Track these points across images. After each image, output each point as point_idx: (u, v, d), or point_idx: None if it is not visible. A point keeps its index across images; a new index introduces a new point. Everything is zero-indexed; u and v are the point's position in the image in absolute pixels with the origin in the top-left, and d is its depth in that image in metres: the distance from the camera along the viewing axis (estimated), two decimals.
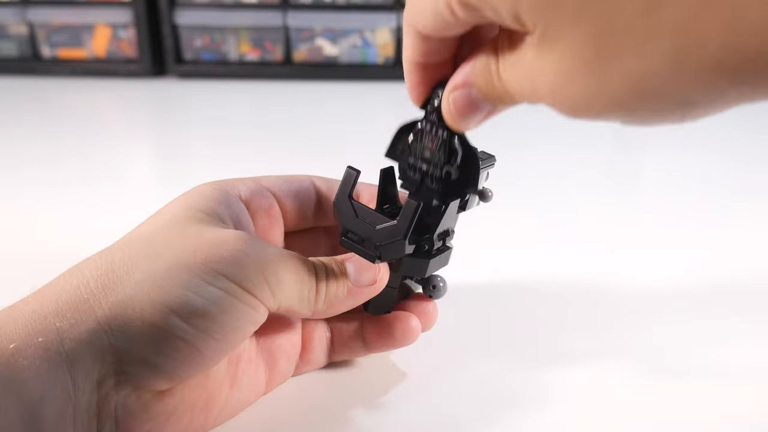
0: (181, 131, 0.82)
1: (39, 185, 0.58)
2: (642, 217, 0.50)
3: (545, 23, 0.16)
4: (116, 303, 0.20)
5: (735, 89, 0.15)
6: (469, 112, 0.23)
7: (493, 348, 0.32)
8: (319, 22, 1.08)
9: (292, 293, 0.23)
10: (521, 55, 0.18)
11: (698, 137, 0.76)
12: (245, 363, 0.25)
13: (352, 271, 0.25)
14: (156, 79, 1.11)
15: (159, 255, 0.22)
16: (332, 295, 0.25)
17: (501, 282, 0.39)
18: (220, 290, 0.21)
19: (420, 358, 0.31)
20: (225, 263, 0.22)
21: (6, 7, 1.10)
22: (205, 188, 0.27)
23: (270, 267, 0.23)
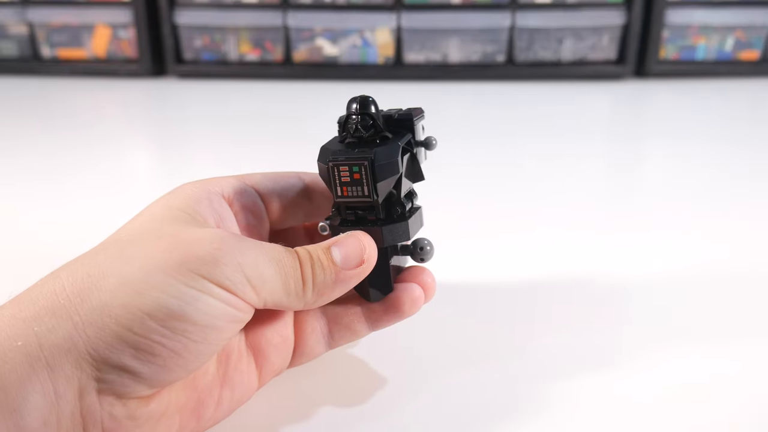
0: (181, 131, 0.82)
1: (39, 185, 0.58)
2: (641, 210, 0.50)
3: None
4: (92, 309, 0.20)
5: None
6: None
7: (480, 350, 0.32)
8: (319, 22, 1.08)
9: (276, 287, 0.23)
10: None
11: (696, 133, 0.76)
12: (235, 361, 0.25)
13: (338, 255, 0.24)
14: (156, 79, 1.11)
15: (134, 257, 0.21)
16: (320, 283, 0.24)
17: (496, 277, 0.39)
18: (197, 291, 0.21)
19: (402, 362, 0.31)
20: (201, 262, 0.21)
21: (6, 7, 1.10)
22: (186, 188, 0.26)
23: (250, 263, 0.22)
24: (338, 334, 0.28)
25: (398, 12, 1.06)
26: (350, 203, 0.26)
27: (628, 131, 0.82)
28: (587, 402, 0.28)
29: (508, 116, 0.87)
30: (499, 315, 0.35)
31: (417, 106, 0.28)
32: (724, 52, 1.10)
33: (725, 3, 1.07)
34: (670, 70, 1.10)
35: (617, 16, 1.07)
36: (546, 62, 1.10)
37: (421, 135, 0.28)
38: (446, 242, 0.45)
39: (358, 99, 0.26)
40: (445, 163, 0.65)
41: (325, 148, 0.26)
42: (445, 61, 1.10)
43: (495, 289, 0.38)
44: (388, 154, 0.25)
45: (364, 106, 0.26)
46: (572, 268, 0.41)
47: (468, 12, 1.07)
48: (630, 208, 0.53)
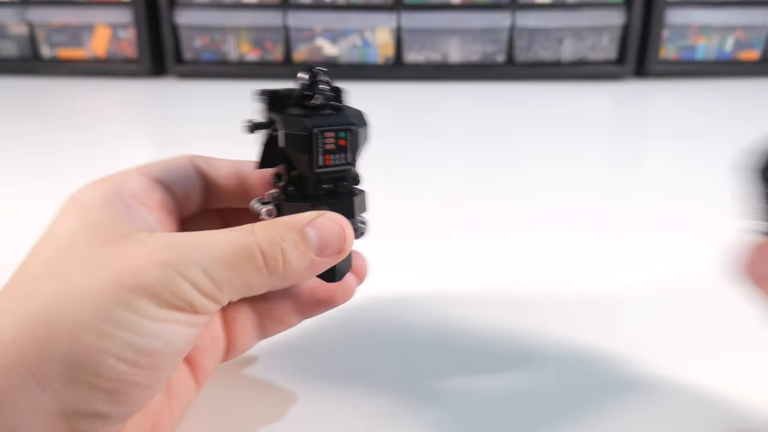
0: (181, 131, 0.82)
1: (39, 185, 0.58)
2: (641, 210, 0.50)
3: None
4: (52, 359, 0.18)
5: None
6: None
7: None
8: (319, 22, 1.08)
9: (237, 287, 0.21)
10: None
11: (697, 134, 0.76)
12: (174, 374, 0.24)
13: (315, 239, 0.22)
14: (156, 79, 1.11)
15: (82, 296, 0.19)
16: (294, 270, 0.22)
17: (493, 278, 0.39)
18: (160, 322, 0.19)
19: (404, 364, 0.31)
20: (155, 289, 0.19)
21: (6, 7, 1.10)
22: (93, 196, 0.23)
23: (202, 275, 0.20)
24: (270, 327, 0.27)
25: (398, 12, 1.06)
26: (328, 173, 0.24)
27: (628, 131, 0.82)
28: (591, 405, 0.28)
29: (508, 116, 0.87)
30: (500, 314, 0.35)
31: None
32: (724, 52, 1.10)
33: (725, 3, 1.07)
34: (670, 70, 1.10)
35: (617, 16, 1.07)
36: (546, 62, 1.10)
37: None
38: (446, 242, 0.45)
39: (319, 68, 0.25)
40: (445, 162, 0.65)
41: (291, 116, 0.24)
42: (445, 61, 1.10)
43: (495, 289, 0.38)
44: (361, 119, 0.24)
45: (327, 74, 0.25)
46: (572, 268, 0.41)
47: (468, 12, 1.07)
48: (630, 208, 0.53)
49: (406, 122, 0.86)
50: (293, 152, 0.24)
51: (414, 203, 0.53)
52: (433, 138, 0.76)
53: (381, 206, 0.53)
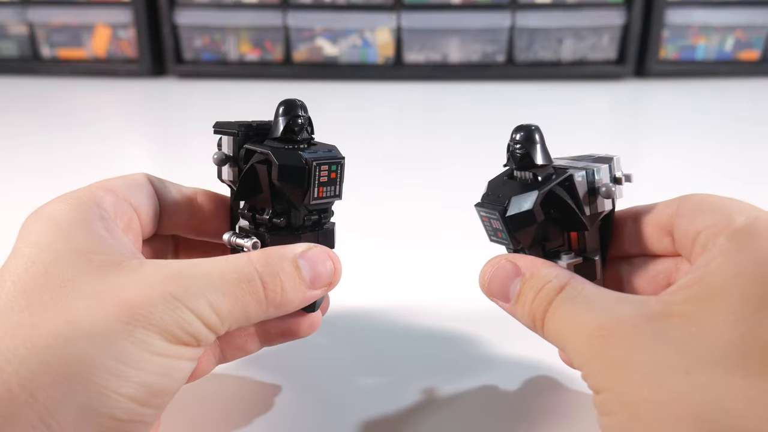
0: (181, 131, 0.82)
1: (39, 185, 0.58)
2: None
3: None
4: (66, 404, 0.17)
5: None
6: (498, 297, 0.22)
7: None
8: (319, 22, 1.08)
9: (236, 318, 0.20)
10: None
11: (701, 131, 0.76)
12: None
13: (307, 272, 0.22)
14: (156, 79, 1.11)
15: (92, 335, 0.18)
16: (288, 301, 0.21)
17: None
18: (171, 359, 0.19)
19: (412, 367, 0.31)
20: (168, 323, 0.18)
21: (6, 7, 1.10)
22: (66, 212, 0.21)
23: (206, 308, 0.19)
24: (230, 353, 0.26)
25: (398, 12, 1.06)
26: (318, 205, 0.25)
27: (628, 131, 0.82)
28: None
29: (508, 116, 0.87)
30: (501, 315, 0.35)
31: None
32: (724, 52, 1.10)
33: (725, 3, 1.07)
34: (670, 70, 1.10)
35: (617, 16, 1.07)
36: (546, 62, 1.10)
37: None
38: (447, 242, 0.45)
39: (299, 102, 0.25)
40: (445, 162, 0.65)
41: (283, 149, 0.24)
42: (445, 61, 1.10)
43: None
44: (339, 153, 0.25)
45: (306, 109, 0.25)
46: None
47: (468, 12, 1.07)
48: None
49: (406, 122, 0.86)
50: (286, 184, 0.24)
51: (414, 202, 0.53)
52: (433, 138, 0.76)
53: (381, 205, 0.53)
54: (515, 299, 0.22)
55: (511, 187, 0.24)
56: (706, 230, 0.20)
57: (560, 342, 0.20)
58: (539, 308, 0.21)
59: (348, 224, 0.34)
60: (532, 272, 0.22)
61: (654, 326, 0.18)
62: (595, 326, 0.19)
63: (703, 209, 0.22)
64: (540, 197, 0.23)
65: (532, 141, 0.24)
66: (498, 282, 0.22)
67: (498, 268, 0.22)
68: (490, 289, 0.22)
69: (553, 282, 0.21)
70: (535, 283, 0.21)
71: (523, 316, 0.22)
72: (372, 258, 0.41)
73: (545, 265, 0.22)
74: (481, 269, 0.23)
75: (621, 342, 0.18)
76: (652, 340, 0.18)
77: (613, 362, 0.18)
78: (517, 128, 0.24)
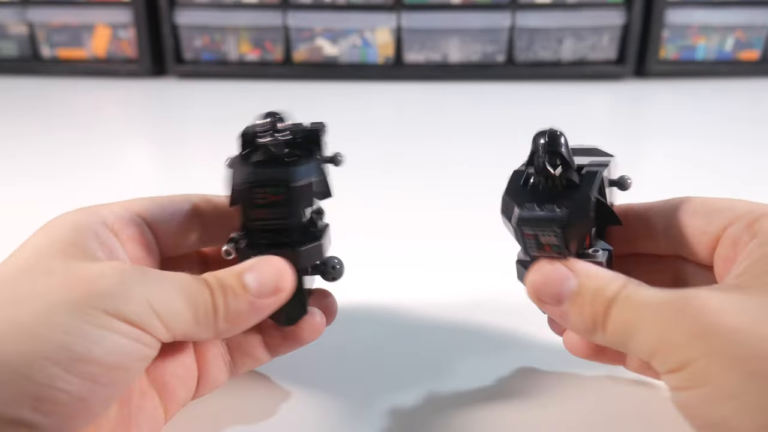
0: (181, 131, 0.82)
1: (39, 185, 0.58)
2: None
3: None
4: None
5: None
6: (547, 302, 0.23)
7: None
8: (319, 22, 1.08)
9: (186, 319, 0.21)
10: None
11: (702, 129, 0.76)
12: (138, 400, 0.23)
13: (252, 282, 0.23)
14: (156, 79, 1.11)
15: (25, 300, 0.19)
16: (233, 312, 0.22)
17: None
18: (103, 329, 0.19)
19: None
20: (105, 298, 0.19)
21: (6, 7, 1.10)
22: (65, 219, 0.24)
23: (157, 296, 0.21)
24: (240, 361, 0.27)
25: (398, 12, 1.06)
26: (266, 226, 0.24)
27: (628, 131, 0.82)
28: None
29: (508, 116, 0.87)
30: (502, 316, 0.35)
31: (319, 121, 0.27)
32: (724, 52, 1.10)
33: (725, 3, 1.07)
34: (670, 70, 1.10)
35: (617, 16, 1.07)
36: (546, 62, 1.10)
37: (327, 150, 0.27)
38: (447, 242, 0.45)
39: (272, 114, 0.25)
40: (445, 162, 0.65)
41: (237, 170, 0.24)
42: (445, 61, 1.10)
43: (500, 289, 0.38)
44: (306, 173, 0.24)
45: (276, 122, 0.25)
46: None
47: (468, 12, 1.07)
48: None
49: (406, 122, 0.86)
50: (235, 202, 0.24)
51: (414, 203, 0.53)
52: (433, 138, 0.76)
53: (381, 206, 0.53)
54: (571, 300, 0.22)
55: (548, 196, 0.23)
56: (732, 226, 0.22)
57: (627, 333, 0.20)
58: (601, 305, 0.21)
59: (348, 225, 0.34)
60: (587, 273, 0.22)
61: (733, 296, 0.19)
62: (669, 306, 0.20)
63: (714, 208, 0.24)
64: (594, 201, 0.23)
65: (564, 145, 0.24)
66: (552, 286, 0.22)
67: (551, 272, 0.22)
68: (541, 293, 0.23)
69: (613, 280, 0.22)
70: (595, 283, 0.22)
71: (579, 314, 0.22)
72: (371, 258, 0.41)
73: (593, 266, 0.23)
74: (528, 276, 0.23)
75: (703, 312, 0.19)
76: (738, 307, 0.19)
77: (700, 331, 0.18)
78: (546, 134, 0.24)
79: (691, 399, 0.19)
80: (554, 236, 0.23)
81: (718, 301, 0.19)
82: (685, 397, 0.19)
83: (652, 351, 0.20)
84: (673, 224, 0.25)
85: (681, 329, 0.19)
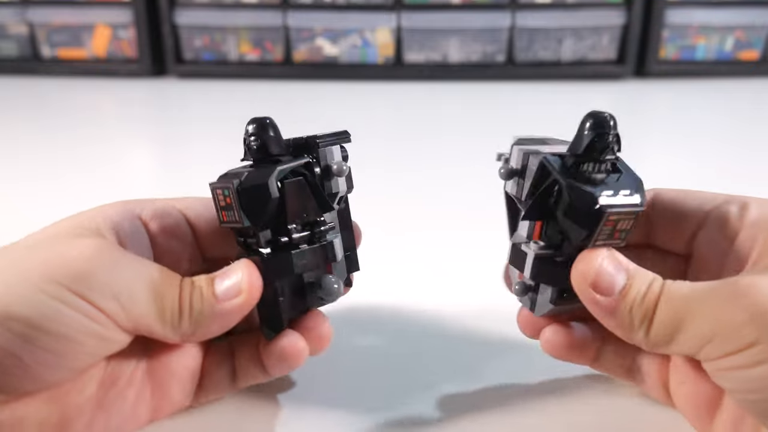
0: (181, 131, 0.82)
1: (38, 185, 0.58)
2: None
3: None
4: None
5: None
6: (603, 292, 0.22)
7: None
8: (319, 22, 1.08)
9: (149, 311, 0.22)
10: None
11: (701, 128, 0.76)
12: (122, 387, 0.23)
13: (221, 286, 0.23)
14: (156, 79, 1.11)
15: (10, 265, 0.21)
16: (197, 313, 0.22)
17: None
18: (57, 301, 0.20)
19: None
20: (69, 274, 0.20)
21: (6, 7, 1.10)
22: (103, 207, 0.25)
23: (121, 279, 0.21)
24: (241, 373, 0.26)
25: (398, 12, 1.06)
26: (232, 228, 0.24)
27: (628, 131, 0.82)
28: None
29: (508, 116, 0.87)
30: (505, 315, 0.35)
31: (343, 129, 0.27)
32: (724, 52, 1.10)
33: (725, 3, 1.07)
34: (670, 70, 1.10)
35: (617, 16, 1.07)
36: (546, 62, 1.10)
37: (331, 160, 0.26)
38: (447, 241, 0.45)
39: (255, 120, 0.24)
40: (445, 163, 0.65)
41: (226, 173, 0.24)
42: (445, 61, 1.10)
43: (501, 289, 0.38)
44: (257, 177, 0.23)
45: (262, 128, 0.24)
46: None
47: (468, 12, 1.07)
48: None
49: (406, 122, 0.86)
50: None
51: (413, 202, 0.53)
52: (432, 138, 0.76)
53: (381, 205, 0.53)
54: (622, 294, 0.22)
55: (612, 181, 0.23)
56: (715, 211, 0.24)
57: (675, 326, 0.21)
58: (652, 300, 0.21)
59: None
60: (635, 267, 0.22)
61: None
62: (718, 293, 0.20)
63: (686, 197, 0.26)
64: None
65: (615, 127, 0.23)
66: (608, 276, 0.22)
67: (608, 262, 0.22)
68: (598, 283, 0.22)
69: (655, 277, 0.22)
70: (644, 277, 0.22)
71: (629, 308, 0.22)
72: (371, 258, 0.41)
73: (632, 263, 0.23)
74: (579, 265, 0.23)
75: (755, 293, 0.19)
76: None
77: (759, 310, 0.19)
78: (605, 117, 0.23)
79: (765, 371, 0.19)
80: (633, 221, 0.22)
81: (765, 282, 0.20)
82: (759, 372, 0.19)
83: (709, 337, 0.20)
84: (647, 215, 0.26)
85: (739, 311, 0.19)
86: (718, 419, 0.23)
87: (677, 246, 0.26)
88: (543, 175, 0.24)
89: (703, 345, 0.20)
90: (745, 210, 0.24)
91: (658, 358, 0.25)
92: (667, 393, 0.25)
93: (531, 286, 0.26)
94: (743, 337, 0.19)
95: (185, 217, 0.26)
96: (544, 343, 0.26)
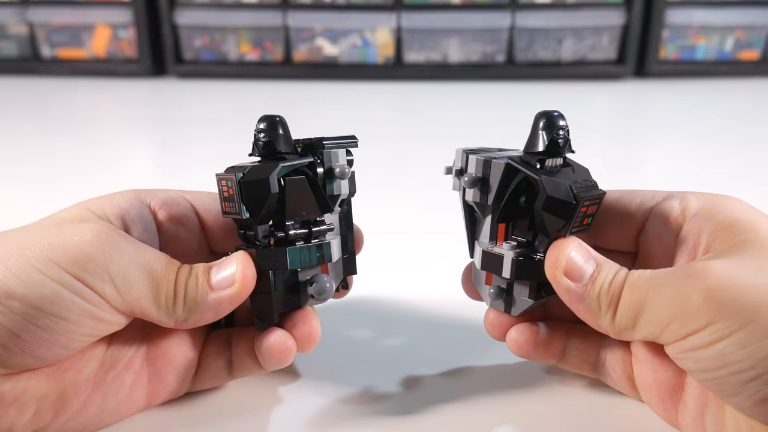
0: (181, 131, 0.82)
1: (39, 184, 0.58)
2: None
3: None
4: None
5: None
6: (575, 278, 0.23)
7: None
8: (319, 22, 1.08)
9: (145, 295, 0.22)
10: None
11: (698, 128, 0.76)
12: (121, 370, 0.24)
13: (216, 275, 0.23)
14: (156, 79, 1.11)
15: (16, 245, 0.21)
16: (191, 300, 0.23)
17: None
18: (50, 279, 0.21)
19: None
20: (67, 256, 0.21)
21: (6, 7, 1.10)
22: (115, 194, 0.26)
23: (119, 262, 0.22)
24: (238, 365, 0.26)
25: (398, 12, 1.06)
26: (234, 220, 0.25)
27: (627, 131, 0.82)
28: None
29: (508, 116, 0.87)
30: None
31: (351, 134, 0.27)
32: (724, 52, 1.10)
33: (725, 3, 1.07)
34: (670, 70, 1.10)
35: (617, 16, 1.07)
36: (546, 62, 1.10)
37: (335, 162, 0.26)
38: (447, 241, 0.45)
39: (266, 117, 0.25)
40: (445, 162, 0.65)
41: (233, 165, 0.25)
42: (445, 61, 1.10)
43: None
44: (260, 171, 0.24)
45: (271, 125, 0.25)
46: None
47: (468, 12, 1.07)
48: None
49: (406, 122, 0.86)
50: None
51: (413, 202, 0.53)
52: (432, 138, 0.76)
53: (380, 205, 0.53)
54: (591, 280, 0.23)
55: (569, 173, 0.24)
56: (658, 206, 0.25)
57: (637, 310, 0.22)
58: (617, 287, 0.22)
59: None
60: (604, 258, 0.23)
61: (726, 261, 0.21)
62: (675, 277, 0.21)
63: (630, 197, 0.26)
64: None
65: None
66: (578, 263, 0.23)
67: (577, 251, 0.23)
68: (569, 269, 0.23)
69: (623, 268, 0.23)
70: (611, 267, 0.23)
71: (597, 294, 0.23)
72: (371, 258, 0.41)
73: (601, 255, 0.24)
74: (551, 254, 0.24)
75: (710, 275, 0.20)
76: (735, 266, 0.20)
77: (714, 291, 0.20)
78: (558, 116, 0.24)
79: (726, 348, 0.20)
80: (597, 206, 0.23)
81: (718, 265, 0.21)
82: (716, 350, 0.20)
83: (668, 319, 0.21)
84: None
85: (694, 293, 0.20)
86: (682, 407, 0.23)
87: (623, 244, 0.27)
88: (508, 177, 0.25)
89: (663, 328, 0.21)
90: (685, 204, 0.25)
91: (620, 352, 0.26)
92: (633, 385, 0.25)
93: (505, 289, 0.27)
94: (699, 318, 0.20)
95: (194, 208, 0.27)
96: (510, 343, 0.27)
